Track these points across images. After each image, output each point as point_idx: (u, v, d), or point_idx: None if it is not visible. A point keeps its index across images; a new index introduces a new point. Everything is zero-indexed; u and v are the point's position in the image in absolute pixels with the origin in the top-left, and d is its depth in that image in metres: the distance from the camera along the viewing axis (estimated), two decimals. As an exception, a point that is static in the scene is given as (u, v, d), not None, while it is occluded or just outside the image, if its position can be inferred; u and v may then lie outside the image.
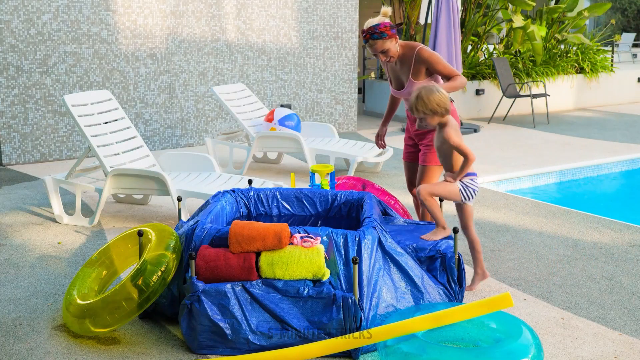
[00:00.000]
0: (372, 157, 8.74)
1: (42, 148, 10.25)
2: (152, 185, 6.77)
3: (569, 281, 5.44)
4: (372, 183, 6.14)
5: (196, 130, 11.48)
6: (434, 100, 4.92)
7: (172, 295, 4.64)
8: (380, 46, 5.46)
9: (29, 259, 6.01)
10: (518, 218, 7.15)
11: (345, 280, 4.32)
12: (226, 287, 4.24)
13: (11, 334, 4.59)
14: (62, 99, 7.11)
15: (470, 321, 4.16)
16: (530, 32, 14.40)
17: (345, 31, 12.76)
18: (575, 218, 7.15)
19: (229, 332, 4.21)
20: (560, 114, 15.31)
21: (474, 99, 14.67)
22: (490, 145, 11.36)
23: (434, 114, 4.95)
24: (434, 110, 4.93)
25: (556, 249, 6.19)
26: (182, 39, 11.14)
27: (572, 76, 15.98)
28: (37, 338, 4.52)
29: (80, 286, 4.71)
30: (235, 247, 4.34)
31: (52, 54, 10.16)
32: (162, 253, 4.45)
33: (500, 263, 5.84)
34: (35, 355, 4.30)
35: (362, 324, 4.20)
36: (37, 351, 4.35)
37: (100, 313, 4.35)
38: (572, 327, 4.64)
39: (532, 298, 5.11)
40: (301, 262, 4.25)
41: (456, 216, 7.11)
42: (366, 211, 4.93)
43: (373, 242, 4.47)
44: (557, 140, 11.84)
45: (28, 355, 4.30)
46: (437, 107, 4.92)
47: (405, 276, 4.57)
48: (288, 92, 12.33)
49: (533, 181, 9.44)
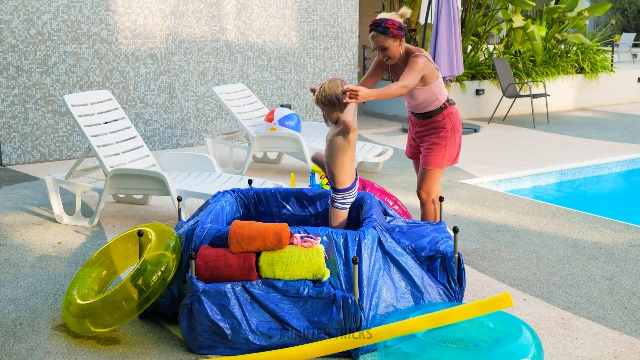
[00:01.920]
0: (372, 157, 8.74)
1: (42, 148, 10.25)
2: (152, 185, 6.77)
3: (569, 281, 5.43)
4: (372, 183, 6.14)
5: (196, 130, 11.48)
6: (328, 90, 4.78)
7: (172, 295, 4.64)
8: (380, 41, 5.35)
9: (29, 259, 6.01)
10: (518, 218, 7.15)
11: (345, 280, 4.32)
12: (226, 287, 4.24)
13: (11, 334, 4.59)
14: (62, 99, 7.11)
15: (471, 321, 4.16)
16: (530, 32, 14.40)
17: (346, 31, 12.76)
18: (575, 218, 7.15)
19: (229, 332, 4.21)
20: (560, 114, 15.31)
21: (474, 99, 14.67)
22: (490, 145, 11.37)
23: (332, 105, 4.82)
24: (330, 101, 4.79)
25: (556, 249, 6.19)
26: (182, 39, 11.14)
27: (572, 76, 15.98)
28: (37, 338, 4.52)
29: (80, 286, 4.71)
30: (235, 247, 4.34)
31: (52, 54, 10.17)
32: (162, 253, 4.46)
33: (500, 263, 5.84)
34: (35, 355, 4.30)
35: (362, 324, 4.20)
36: (37, 351, 4.35)
37: (100, 313, 4.36)
38: (572, 327, 4.64)
39: (532, 298, 5.11)
40: (301, 262, 4.25)
41: (456, 216, 7.12)
42: (366, 211, 4.93)
43: (373, 242, 4.47)
44: (557, 140, 11.84)
45: (28, 355, 4.30)
46: (332, 98, 4.77)
47: (405, 276, 4.57)
48: (288, 92, 12.33)
49: (533, 181, 9.44)
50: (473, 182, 8.79)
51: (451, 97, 13.78)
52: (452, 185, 8.49)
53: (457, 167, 9.47)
